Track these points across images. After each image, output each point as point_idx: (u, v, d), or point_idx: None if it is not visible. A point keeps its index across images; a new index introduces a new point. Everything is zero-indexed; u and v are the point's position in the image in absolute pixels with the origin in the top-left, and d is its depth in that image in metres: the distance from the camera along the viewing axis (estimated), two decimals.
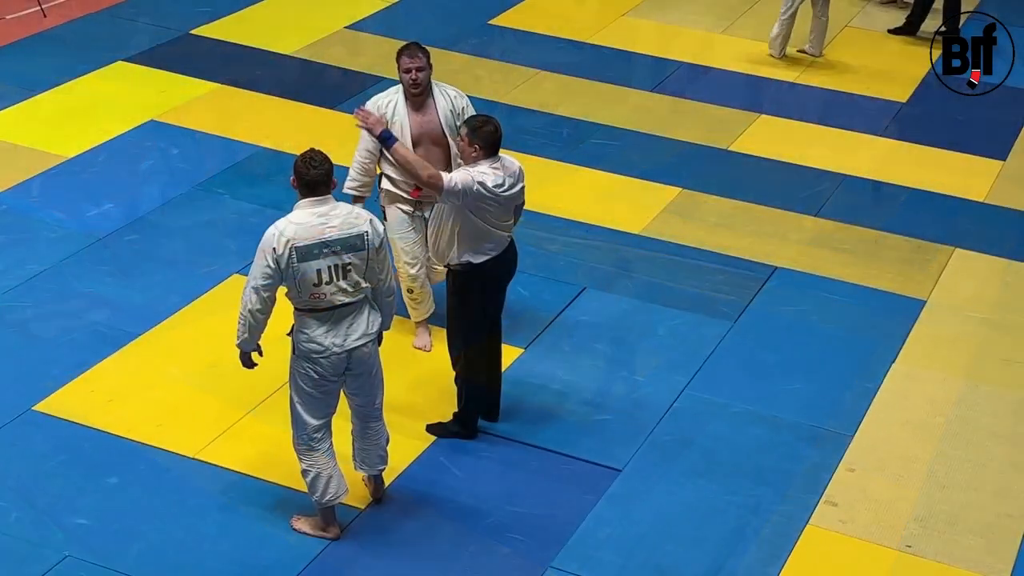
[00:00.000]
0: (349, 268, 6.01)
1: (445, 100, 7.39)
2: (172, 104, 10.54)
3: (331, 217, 5.99)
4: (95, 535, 6.36)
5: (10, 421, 7.06)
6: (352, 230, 6.01)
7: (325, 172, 5.99)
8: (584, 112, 10.80)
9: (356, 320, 6.11)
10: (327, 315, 6.05)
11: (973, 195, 9.87)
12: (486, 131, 6.56)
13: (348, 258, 6.00)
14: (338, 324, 6.07)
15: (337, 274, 5.99)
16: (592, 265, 8.73)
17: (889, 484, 6.99)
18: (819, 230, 9.33)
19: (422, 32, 12.01)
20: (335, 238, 5.97)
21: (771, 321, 8.26)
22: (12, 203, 9.07)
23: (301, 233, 5.93)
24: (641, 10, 12.96)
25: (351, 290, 6.05)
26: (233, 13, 12.35)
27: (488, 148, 6.56)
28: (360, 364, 6.20)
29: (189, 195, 9.30)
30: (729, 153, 10.38)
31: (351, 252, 6.00)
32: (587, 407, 7.40)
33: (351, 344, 6.09)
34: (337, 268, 5.98)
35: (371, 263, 6.07)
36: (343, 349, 6.07)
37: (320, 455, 6.28)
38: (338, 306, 6.05)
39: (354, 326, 6.10)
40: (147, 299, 8.12)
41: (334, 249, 5.96)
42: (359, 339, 6.11)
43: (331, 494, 6.32)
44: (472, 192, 6.46)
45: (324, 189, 6.00)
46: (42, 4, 12.15)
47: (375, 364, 6.30)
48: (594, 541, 6.51)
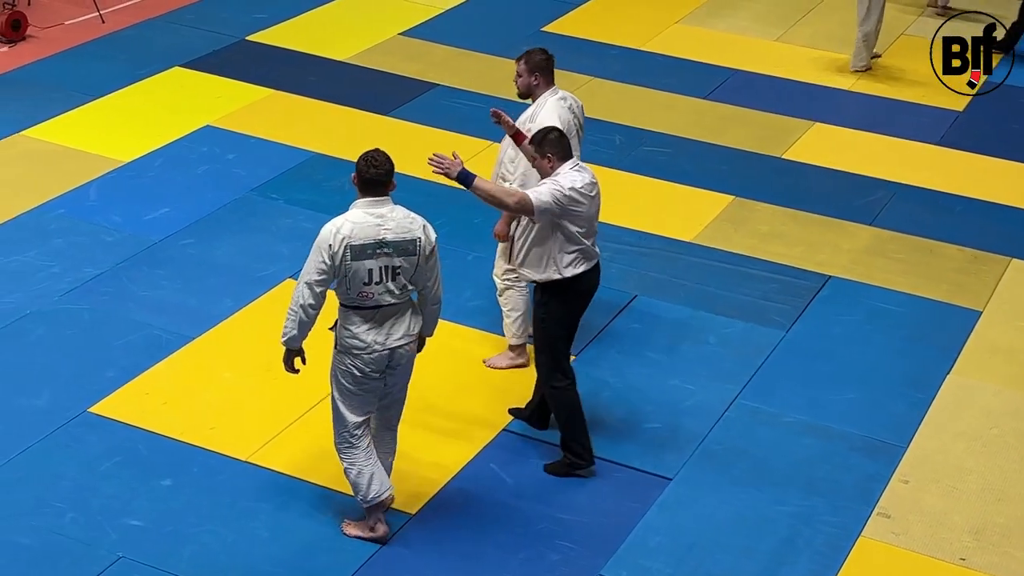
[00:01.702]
0: (399, 271, 6.07)
1: (523, 116, 7.31)
2: (228, 109, 10.62)
3: (387, 219, 6.06)
4: (148, 537, 6.41)
5: (66, 423, 7.13)
6: (406, 234, 6.07)
7: (385, 173, 6.07)
8: (637, 119, 10.79)
9: (399, 320, 6.16)
10: (372, 313, 6.11)
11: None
12: (550, 138, 6.55)
13: (399, 261, 6.06)
14: (382, 323, 6.13)
15: (387, 275, 6.05)
16: (644, 272, 8.71)
17: (943, 496, 6.93)
18: (873, 239, 9.27)
19: (475, 39, 12.07)
20: (389, 240, 6.04)
21: (824, 330, 8.21)
22: (70, 207, 9.17)
23: (357, 232, 6.00)
24: (694, 18, 12.93)
25: (398, 292, 6.12)
26: (288, 20, 12.44)
27: (559, 152, 6.54)
28: (399, 365, 6.24)
29: (244, 200, 9.36)
30: (783, 161, 10.33)
31: (402, 255, 6.06)
32: (637, 415, 7.39)
33: (393, 343, 6.15)
34: (387, 269, 6.04)
35: (420, 268, 6.11)
36: (384, 347, 6.14)
37: (360, 452, 6.32)
38: (383, 306, 6.11)
39: (397, 326, 6.16)
40: (201, 303, 8.19)
41: (387, 251, 6.03)
42: (401, 339, 6.17)
43: (375, 491, 6.34)
44: (563, 199, 6.43)
45: (382, 190, 6.09)
46: (100, 10, 12.29)
47: (411, 365, 6.35)
48: (644, 549, 6.49)
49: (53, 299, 8.15)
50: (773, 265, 8.87)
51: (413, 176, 9.21)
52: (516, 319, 7.59)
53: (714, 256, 8.96)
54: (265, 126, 10.38)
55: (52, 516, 6.49)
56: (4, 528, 6.41)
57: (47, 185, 9.39)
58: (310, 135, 10.26)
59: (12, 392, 7.34)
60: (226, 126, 10.37)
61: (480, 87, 11.08)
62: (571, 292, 6.66)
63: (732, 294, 8.53)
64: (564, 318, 6.73)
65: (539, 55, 7.34)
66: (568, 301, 6.70)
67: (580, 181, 6.52)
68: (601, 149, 10.17)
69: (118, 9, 12.50)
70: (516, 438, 7.20)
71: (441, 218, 9.05)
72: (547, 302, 6.71)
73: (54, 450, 6.94)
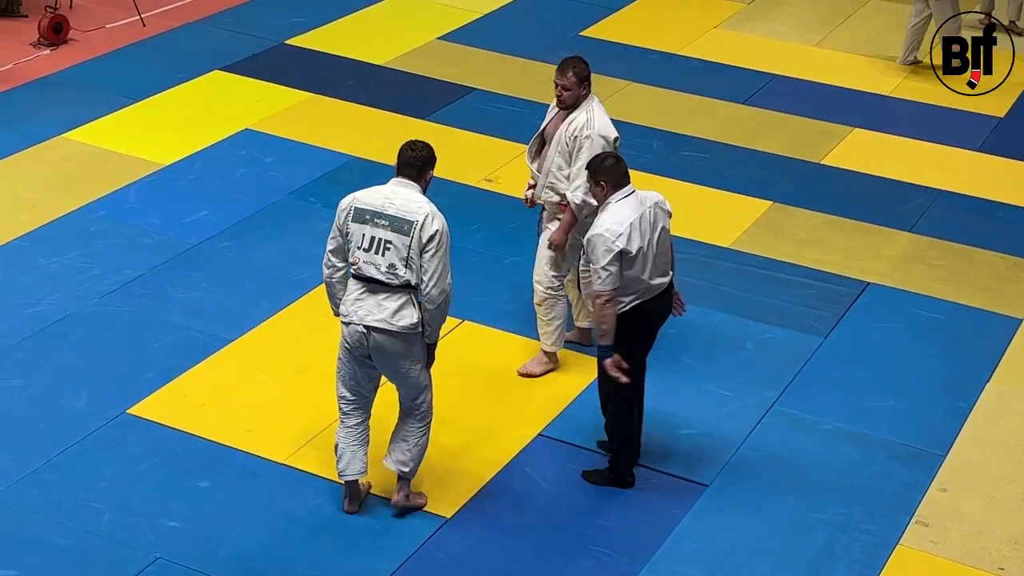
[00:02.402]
0: (388, 247, 6.15)
1: (574, 124, 7.22)
2: (266, 113, 10.67)
3: (397, 197, 6.21)
4: (186, 538, 6.44)
5: (105, 424, 7.18)
6: (406, 215, 6.16)
7: (416, 159, 6.25)
8: (675, 124, 10.76)
9: (385, 303, 6.18)
10: (362, 285, 6.23)
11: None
12: (606, 165, 6.47)
13: (390, 235, 6.14)
14: (367, 298, 6.21)
15: (376, 247, 6.16)
16: (681, 278, 8.63)
17: (982, 505, 6.88)
18: (912, 246, 9.21)
19: (513, 43, 12.07)
20: (388, 213, 6.17)
21: (863, 337, 8.17)
22: (110, 209, 9.23)
23: (366, 198, 6.24)
24: (733, 22, 12.89)
25: (384, 269, 6.16)
26: (327, 24, 12.48)
27: (614, 181, 6.44)
28: (379, 351, 6.24)
29: (282, 203, 9.40)
30: (821, 167, 10.29)
31: (396, 232, 6.14)
32: (674, 421, 7.36)
33: (369, 321, 6.17)
34: (378, 242, 6.16)
35: (412, 254, 6.13)
36: (360, 322, 6.19)
37: (344, 429, 6.48)
38: (371, 279, 6.19)
39: (380, 308, 6.18)
40: (239, 305, 8.22)
41: (382, 223, 6.16)
42: (377, 321, 6.16)
43: (340, 467, 6.49)
44: (615, 265, 6.32)
45: (412, 173, 6.26)
46: (141, 13, 12.37)
47: (401, 361, 6.28)
48: (679, 556, 6.47)
49: (93, 301, 8.21)
50: (811, 271, 8.83)
51: (450, 180, 9.24)
52: (556, 327, 7.56)
53: (752, 262, 8.92)
54: (303, 130, 10.42)
55: (90, 517, 6.54)
56: (43, 528, 6.46)
57: (88, 187, 9.46)
58: (348, 139, 10.30)
59: (52, 393, 7.39)
60: (265, 129, 10.42)
61: (518, 91, 11.08)
62: (625, 327, 6.51)
63: (770, 300, 8.50)
64: (623, 346, 6.54)
65: (584, 65, 7.30)
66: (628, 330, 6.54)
67: (620, 225, 6.33)
68: (639, 154, 10.14)
69: (159, 13, 12.58)
70: (551, 443, 7.20)
71: (477, 222, 9.10)
72: None
73: (93, 451, 6.98)
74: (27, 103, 10.72)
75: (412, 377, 6.37)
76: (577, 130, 7.20)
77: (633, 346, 6.63)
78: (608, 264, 6.31)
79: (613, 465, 6.89)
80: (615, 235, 6.33)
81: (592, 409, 7.20)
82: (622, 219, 6.38)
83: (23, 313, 8.05)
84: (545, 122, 7.49)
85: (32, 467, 6.84)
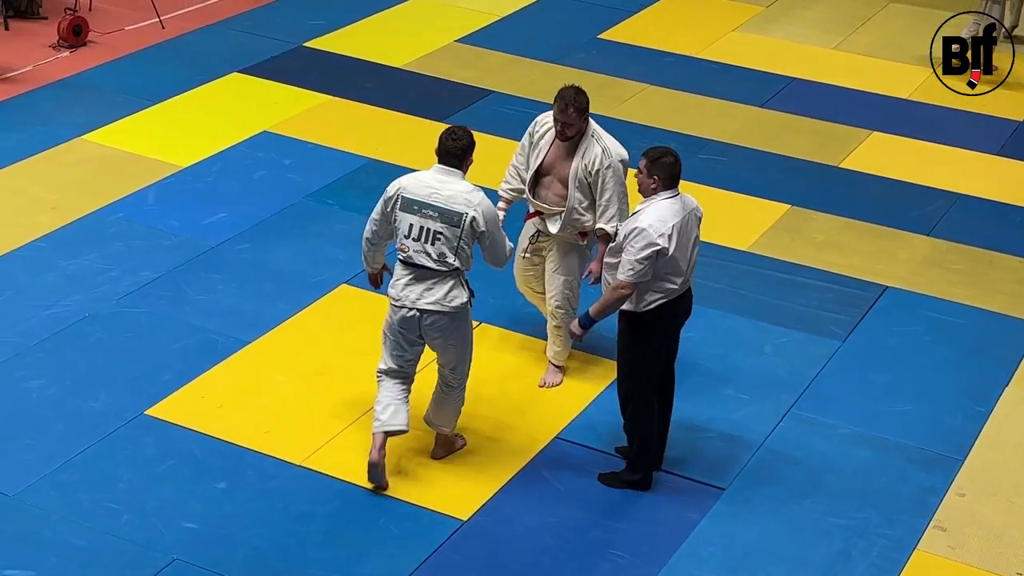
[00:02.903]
0: (439, 237, 6.41)
1: (588, 158, 7.10)
2: (285, 115, 10.69)
3: (444, 187, 6.43)
4: (203, 539, 6.46)
5: (123, 425, 7.20)
6: (454, 206, 6.40)
7: (457, 147, 6.48)
8: (693, 127, 10.75)
9: (436, 287, 6.47)
10: (411, 269, 6.50)
11: None
12: (665, 162, 6.44)
13: (440, 227, 6.40)
14: (417, 283, 6.49)
15: (425, 236, 6.43)
16: (698, 281, 8.60)
17: (1001, 510, 6.85)
18: (931, 250, 9.18)
19: (532, 46, 12.08)
20: (436, 204, 6.40)
21: (881, 341, 8.14)
22: (128, 211, 9.26)
23: (412, 186, 6.48)
24: (751, 25, 12.87)
25: (435, 257, 6.44)
26: (345, 26, 12.50)
27: (667, 180, 6.44)
28: (433, 331, 6.56)
29: (300, 205, 9.42)
30: (840, 170, 10.27)
31: (445, 224, 6.40)
32: (691, 424, 7.35)
33: (422, 304, 6.47)
34: (426, 231, 6.42)
35: (462, 244, 6.38)
36: (413, 306, 6.48)
37: (387, 387, 6.76)
38: (420, 266, 6.46)
39: (432, 291, 6.47)
40: (257, 307, 8.24)
41: (430, 214, 6.41)
42: (431, 304, 6.47)
43: (385, 418, 6.70)
44: (644, 266, 6.34)
45: (454, 161, 6.50)
46: (161, 16, 12.41)
47: (455, 338, 6.62)
48: (696, 560, 6.46)
49: (111, 302, 8.23)
50: (829, 275, 8.81)
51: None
52: (567, 347, 7.58)
53: (770, 265, 8.91)
54: (321, 132, 10.44)
55: (108, 517, 6.56)
56: (61, 529, 6.48)
57: (107, 189, 9.49)
58: (366, 141, 10.31)
59: (70, 394, 7.42)
60: (283, 132, 10.44)
61: (535, 94, 11.07)
62: (647, 327, 6.53)
63: (788, 304, 8.48)
64: (645, 346, 6.58)
65: (583, 96, 7.05)
66: (649, 330, 6.56)
67: (664, 224, 6.35)
68: None
69: (178, 15, 12.62)
70: (568, 446, 7.19)
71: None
72: (626, 330, 6.63)
73: (110, 452, 7.00)
74: (46, 105, 10.76)
75: (457, 350, 6.68)
76: (595, 163, 7.08)
77: (656, 346, 6.64)
78: (644, 258, 6.33)
79: (630, 467, 6.88)
80: (658, 233, 6.35)
81: (609, 412, 7.20)
82: (666, 219, 6.40)
83: (42, 314, 8.08)
84: (542, 156, 7.26)
85: (50, 468, 6.86)
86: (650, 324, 6.52)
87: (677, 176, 6.49)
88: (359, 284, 8.49)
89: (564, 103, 7.03)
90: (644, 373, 6.65)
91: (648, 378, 6.68)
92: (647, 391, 6.69)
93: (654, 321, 6.53)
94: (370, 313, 8.21)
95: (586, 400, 7.51)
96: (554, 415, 7.38)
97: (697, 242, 6.64)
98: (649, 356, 6.61)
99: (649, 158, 6.48)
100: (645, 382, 6.68)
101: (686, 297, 6.70)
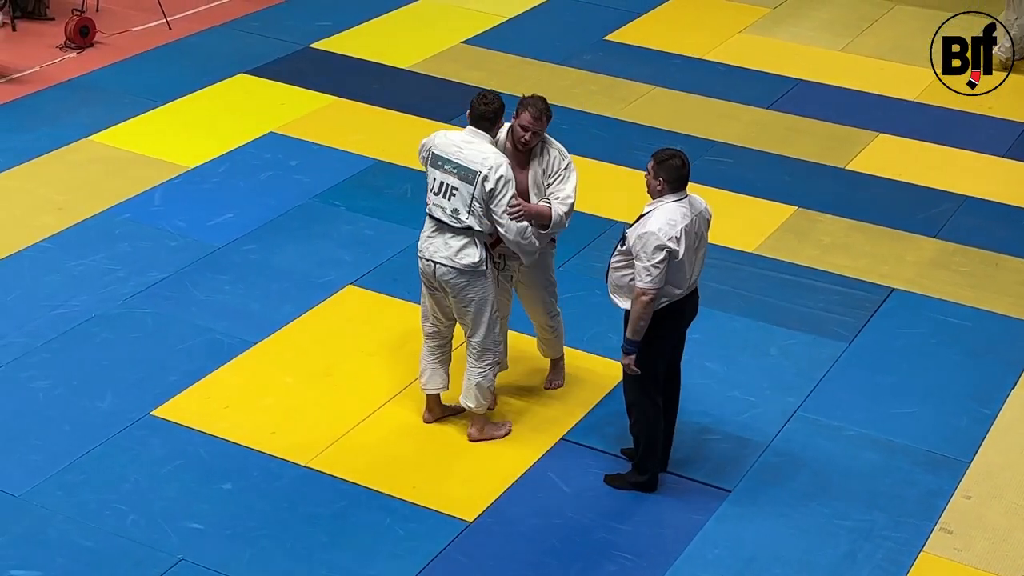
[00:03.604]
0: (454, 193, 6.63)
1: (547, 162, 6.96)
2: (291, 116, 10.70)
3: (468, 146, 6.66)
4: (209, 540, 6.46)
5: (129, 425, 7.21)
6: (471, 164, 6.62)
7: (488, 111, 6.67)
8: (699, 129, 10.75)
9: (451, 243, 6.71)
10: (434, 224, 6.78)
11: None
12: (672, 164, 6.43)
13: (456, 183, 6.63)
14: (437, 236, 6.75)
15: (444, 191, 6.67)
16: (704, 283, 8.60)
17: (1007, 513, 6.84)
18: (938, 252, 9.17)
19: (538, 48, 12.08)
20: (456, 161, 6.64)
21: (887, 343, 8.14)
22: (135, 212, 9.27)
23: (440, 143, 6.75)
24: (758, 27, 12.87)
25: (449, 213, 6.67)
26: (352, 27, 12.51)
27: (673, 182, 6.42)
28: (444, 284, 6.77)
29: (306, 206, 9.43)
30: (846, 172, 10.26)
31: (461, 180, 6.62)
32: (697, 426, 7.35)
33: (437, 257, 6.73)
34: (446, 187, 6.67)
35: (474, 202, 6.60)
36: (431, 257, 6.76)
37: (426, 347, 7.10)
38: (440, 220, 6.72)
39: (447, 246, 6.71)
40: (263, 308, 8.25)
41: (450, 170, 6.65)
42: (443, 258, 6.72)
43: (422, 381, 7.14)
44: (664, 263, 6.34)
45: (485, 124, 6.70)
46: (167, 17, 12.42)
47: (468, 298, 6.78)
48: (702, 562, 6.46)
49: (118, 303, 8.25)
50: (836, 277, 8.80)
51: None
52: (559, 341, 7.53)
53: (776, 267, 8.90)
54: (328, 133, 10.45)
55: (114, 518, 6.57)
56: (67, 530, 6.49)
57: (113, 190, 9.50)
58: (373, 142, 10.32)
59: (77, 394, 7.43)
60: (290, 133, 10.45)
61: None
62: (653, 329, 6.50)
63: (794, 306, 8.48)
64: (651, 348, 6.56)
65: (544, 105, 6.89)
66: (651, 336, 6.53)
67: (673, 227, 6.35)
68: None
69: (185, 16, 12.63)
70: (574, 447, 7.19)
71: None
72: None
73: (117, 452, 7.01)
74: (53, 106, 10.79)
75: (471, 312, 6.83)
76: (555, 164, 6.94)
77: (660, 347, 6.64)
78: (659, 261, 6.34)
79: (636, 469, 6.88)
80: (668, 236, 6.35)
81: (615, 414, 7.20)
82: (674, 222, 6.39)
83: (48, 315, 8.09)
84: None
85: (56, 468, 6.87)
86: (656, 326, 6.52)
87: (685, 179, 6.47)
88: (365, 285, 8.51)
89: (538, 111, 6.82)
90: (650, 374, 6.65)
91: (654, 380, 6.68)
92: (653, 393, 6.69)
93: (660, 323, 6.53)
94: (376, 314, 8.23)
95: (592, 402, 7.51)
96: (560, 416, 7.38)
97: (704, 244, 6.64)
98: (655, 357, 6.61)
99: (657, 160, 6.47)
100: (651, 384, 6.68)
101: (692, 298, 6.70)
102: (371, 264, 8.72)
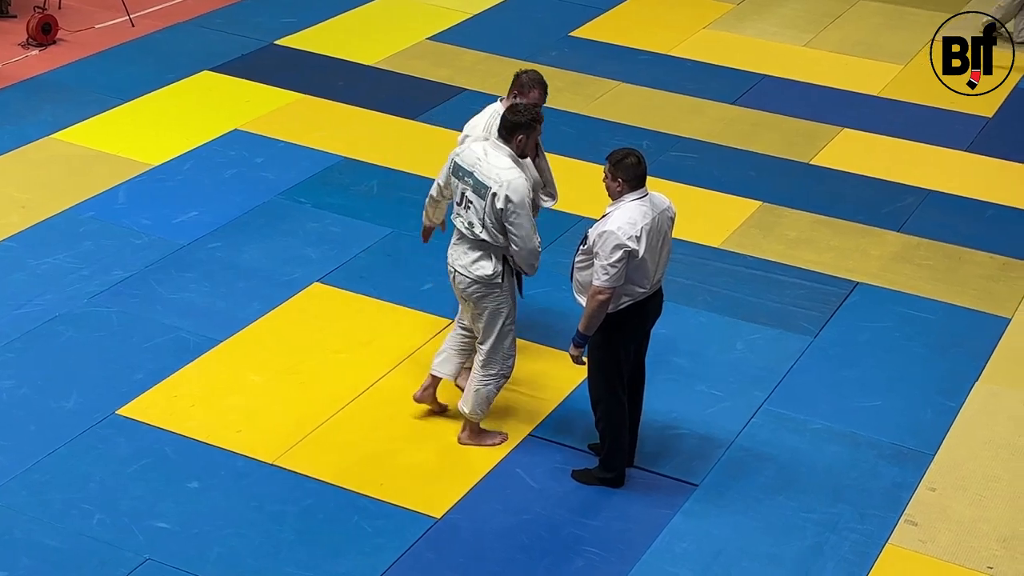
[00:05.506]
0: (470, 205, 6.70)
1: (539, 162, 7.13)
2: (256, 113, 10.66)
3: (486, 159, 6.67)
4: (175, 539, 6.44)
5: (94, 425, 7.17)
6: (486, 180, 6.63)
7: (513, 122, 6.65)
8: (664, 124, 10.78)
9: (469, 253, 6.78)
10: (457, 233, 6.86)
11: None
12: (628, 163, 6.42)
13: (472, 197, 6.69)
14: (459, 245, 6.84)
15: (463, 202, 6.77)
16: (670, 278, 8.64)
17: (971, 504, 6.89)
18: (902, 246, 9.23)
19: (504, 44, 12.08)
20: (473, 174, 6.68)
21: (852, 337, 8.18)
22: (99, 210, 9.22)
23: (464, 154, 6.79)
24: (722, 23, 12.91)
25: (466, 225, 6.75)
26: (317, 24, 12.47)
27: (632, 181, 6.42)
28: (463, 294, 6.83)
29: (272, 204, 9.40)
30: (810, 167, 10.31)
31: (475, 194, 6.68)
32: (664, 421, 7.37)
33: (455, 265, 6.84)
34: (464, 198, 6.75)
35: (487, 217, 6.62)
36: (452, 264, 6.87)
37: (451, 333, 7.21)
38: (460, 230, 6.80)
39: (465, 256, 6.80)
40: (229, 306, 8.22)
41: (468, 182, 6.71)
42: (460, 267, 6.81)
43: (435, 361, 7.20)
44: (618, 270, 6.33)
45: (508, 136, 6.68)
46: (130, 14, 12.35)
47: (481, 307, 6.82)
48: (670, 556, 6.48)
49: (82, 301, 8.20)
50: (801, 271, 8.84)
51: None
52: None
53: (741, 262, 8.94)
54: (293, 130, 10.41)
55: (80, 518, 6.53)
56: (32, 530, 6.45)
57: (77, 188, 9.44)
58: (338, 139, 10.29)
59: (41, 394, 7.38)
60: (255, 130, 10.41)
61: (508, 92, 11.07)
62: (617, 326, 6.52)
63: (759, 300, 8.51)
64: (615, 346, 6.60)
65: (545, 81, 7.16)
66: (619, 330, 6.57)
67: (633, 227, 6.35)
68: None
69: (148, 13, 12.56)
70: (541, 443, 7.20)
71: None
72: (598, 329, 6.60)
73: (82, 452, 6.97)
74: (16, 104, 10.70)
75: (483, 320, 6.87)
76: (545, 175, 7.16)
77: (625, 344, 6.65)
78: (616, 261, 6.34)
79: (603, 464, 6.90)
80: (627, 235, 6.34)
81: (581, 410, 7.21)
82: (635, 221, 6.39)
83: (12, 314, 8.04)
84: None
85: (21, 468, 6.83)
86: (620, 324, 6.53)
87: (643, 176, 6.48)
88: (332, 282, 8.49)
89: (545, 89, 7.14)
90: (614, 371, 6.67)
91: (618, 376, 6.70)
92: (617, 389, 6.71)
93: (624, 321, 6.54)
94: (343, 311, 8.21)
95: (558, 398, 7.52)
96: (527, 412, 7.39)
97: (668, 242, 6.65)
98: (619, 354, 6.63)
99: (612, 161, 6.48)
100: (615, 380, 6.70)
101: (656, 296, 6.71)
102: (337, 261, 8.70)
